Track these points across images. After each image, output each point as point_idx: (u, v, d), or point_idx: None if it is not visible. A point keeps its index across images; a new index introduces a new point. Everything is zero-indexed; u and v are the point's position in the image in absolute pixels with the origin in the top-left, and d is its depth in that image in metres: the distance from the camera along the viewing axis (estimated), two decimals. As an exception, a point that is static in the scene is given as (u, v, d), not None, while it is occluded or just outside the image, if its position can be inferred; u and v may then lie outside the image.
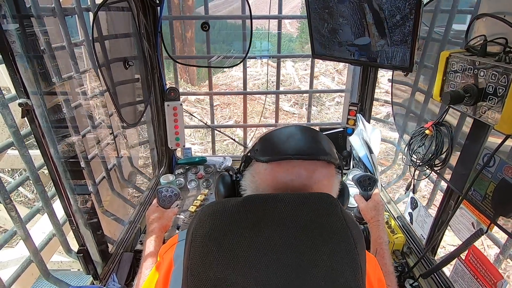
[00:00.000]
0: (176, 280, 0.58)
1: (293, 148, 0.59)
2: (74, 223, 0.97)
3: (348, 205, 1.54)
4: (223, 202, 0.54)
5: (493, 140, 0.91)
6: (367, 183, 1.21)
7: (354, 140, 1.66)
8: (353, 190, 1.59)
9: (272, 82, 7.61)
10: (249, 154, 0.64)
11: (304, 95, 6.58)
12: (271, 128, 0.69)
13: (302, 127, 0.64)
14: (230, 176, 0.68)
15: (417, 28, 1.09)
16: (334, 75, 8.04)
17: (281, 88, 7.35)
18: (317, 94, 6.80)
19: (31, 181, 0.93)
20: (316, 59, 1.72)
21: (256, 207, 0.52)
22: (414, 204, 1.34)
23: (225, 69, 8.15)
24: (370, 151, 1.59)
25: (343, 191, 0.68)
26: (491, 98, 0.78)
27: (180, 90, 1.74)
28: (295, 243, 0.49)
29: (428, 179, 1.30)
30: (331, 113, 6.65)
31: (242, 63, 1.78)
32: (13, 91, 0.82)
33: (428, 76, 1.31)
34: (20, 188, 4.07)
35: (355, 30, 1.30)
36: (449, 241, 2.83)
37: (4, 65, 0.77)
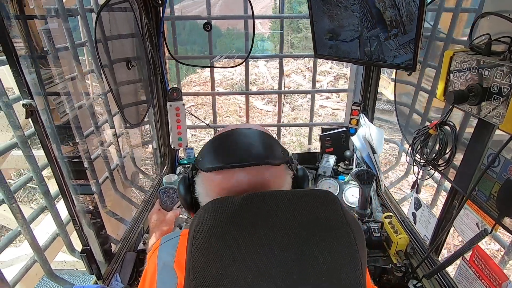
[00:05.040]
0: (163, 282, 0.58)
1: (226, 157, 0.60)
2: (78, 223, 0.98)
3: (350, 204, 1.55)
4: (223, 201, 0.54)
5: (499, 133, 0.90)
6: (365, 177, 1.25)
7: (357, 140, 1.66)
8: (355, 190, 1.59)
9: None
10: (195, 161, 0.66)
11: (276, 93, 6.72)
12: (221, 130, 0.70)
13: (241, 131, 0.64)
14: (188, 180, 0.69)
15: (421, 27, 1.08)
16: (305, 73, 8.11)
17: (255, 88, 7.40)
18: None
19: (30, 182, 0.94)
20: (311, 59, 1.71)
21: (256, 205, 0.53)
22: (417, 204, 1.33)
23: (198, 70, 8.22)
24: (373, 151, 1.59)
25: (303, 177, 0.68)
26: (495, 98, 0.77)
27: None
28: (295, 240, 0.50)
29: (432, 179, 1.29)
30: (304, 109, 6.71)
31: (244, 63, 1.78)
32: (17, 92, 0.82)
33: (432, 76, 1.30)
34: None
35: (365, 23, 1.28)
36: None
37: (8, 66, 0.77)
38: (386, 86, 4.94)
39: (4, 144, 0.90)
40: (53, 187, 0.96)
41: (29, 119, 0.82)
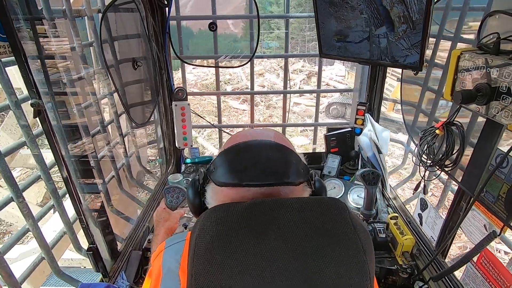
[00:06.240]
0: (166, 287, 0.57)
1: (242, 173, 0.56)
2: (84, 221, 0.99)
3: (355, 205, 1.54)
4: (227, 208, 0.52)
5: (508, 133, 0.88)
6: (371, 177, 1.28)
7: (362, 140, 1.64)
8: (360, 190, 1.58)
9: (219, 82, 7.84)
10: (207, 170, 0.62)
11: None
12: (235, 136, 0.66)
13: (259, 143, 0.60)
14: (198, 185, 0.66)
15: (428, 26, 1.07)
16: (279, 71, 8.15)
17: (230, 87, 7.39)
18: (263, 91, 7.21)
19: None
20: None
21: (260, 213, 0.51)
22: (423, 205, 1.31)
23: (173, 71, 8.46)
24: (379, 151, 1.57)
25: (320, 192, 0.65)
26: (504, 97, 0.76)
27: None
28: (302, 250, 0.48)
29: (439, 179, 1.27)
30: (278, 107, 6.78)
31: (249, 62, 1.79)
32: (25, 92, 0.84)
33: (439, 75, 1.29)
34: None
35: (373, 21, 1.26)
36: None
37: (16, 66, 0.78)
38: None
39: (13, 143, 0.91)
40: (59, 185, 0.97)
41: (37, 119, 0.84)
